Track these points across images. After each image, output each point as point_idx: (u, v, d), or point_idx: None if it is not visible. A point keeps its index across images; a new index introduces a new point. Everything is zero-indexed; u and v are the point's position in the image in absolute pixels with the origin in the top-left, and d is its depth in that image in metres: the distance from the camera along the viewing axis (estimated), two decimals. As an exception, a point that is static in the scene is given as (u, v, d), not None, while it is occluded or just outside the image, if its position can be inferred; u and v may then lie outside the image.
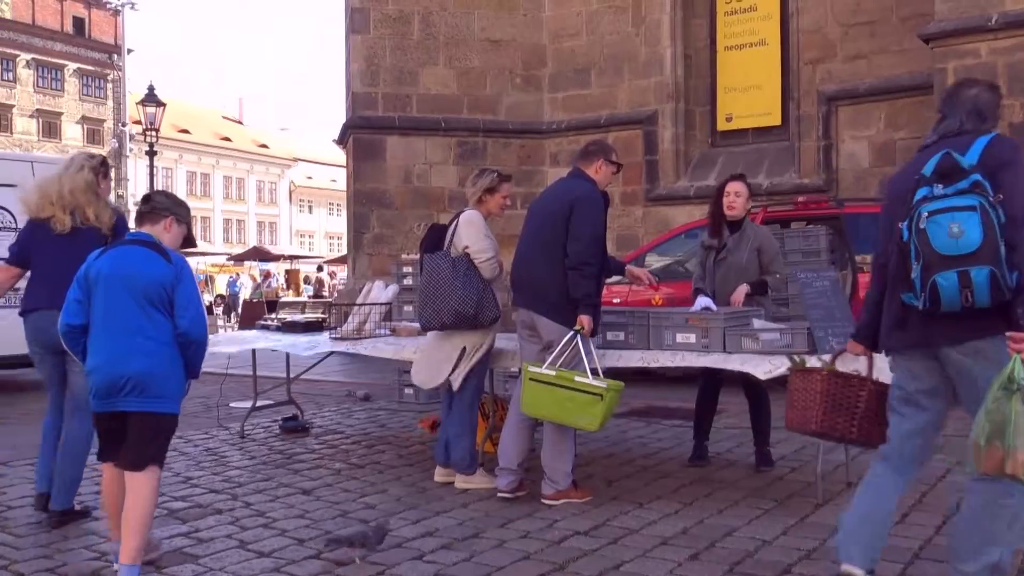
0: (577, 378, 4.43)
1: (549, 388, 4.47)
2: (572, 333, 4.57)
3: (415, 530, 4.31)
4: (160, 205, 3.87)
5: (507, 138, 13.39)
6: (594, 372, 4.48)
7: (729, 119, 12.57)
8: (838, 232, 8.43)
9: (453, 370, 5.07)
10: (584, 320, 4.58)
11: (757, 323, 4.93)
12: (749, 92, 12.37)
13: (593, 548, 4.00)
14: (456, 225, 5.17)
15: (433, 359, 5.19)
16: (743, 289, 5.43)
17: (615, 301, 9.12)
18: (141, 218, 3.87)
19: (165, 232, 3.82)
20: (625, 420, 7.34)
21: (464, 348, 5.05)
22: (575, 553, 3.94)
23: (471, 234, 5.08)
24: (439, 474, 5.30)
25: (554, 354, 4.58)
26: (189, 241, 4.00)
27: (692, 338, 4.87)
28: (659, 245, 9.89)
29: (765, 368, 4.55)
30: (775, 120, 12.25)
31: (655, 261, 9.72)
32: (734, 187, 5.67)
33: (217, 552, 4.01)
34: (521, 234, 5.03)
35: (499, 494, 4.87)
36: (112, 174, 5.29)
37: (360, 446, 6.43)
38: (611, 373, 4.72)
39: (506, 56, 13.45)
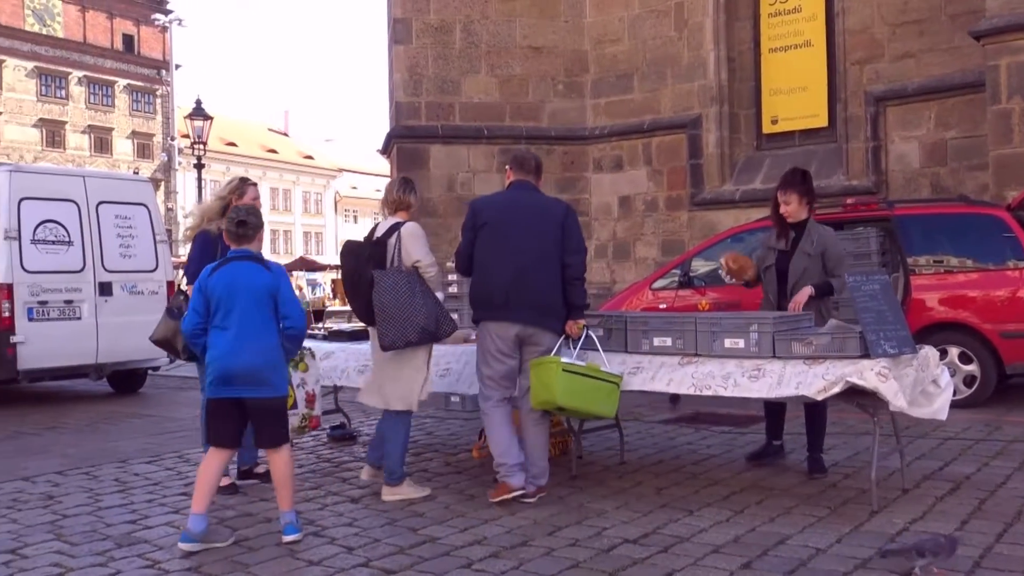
0: (602, 368, 4.84)
1: (582, 379, 4.72)
2: (583, 330, 4.99)
3: (463, 538, 4.30)
4: (253, 226, 4.42)
5: (550, 145, 13.37)
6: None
7: (775, 121, 12.43)
8: (889, 234, 8.28)
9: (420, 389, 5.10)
10: (582, 322, 5.01)
11: (808, 327, 4.84)
12: (795, 94, 12.22)
13: (643, 556, 3.96)
14: (400, 238, 5.03)
15: (392, 379, 5.08)
16: (806, 291, 5.34)
17: (661, 307, 9.05)
18: (239, 239, 4.39)
19: (259, 242, 4.48)
20: (674, 426, 7.27)
21: (427, 364, 5.11)
22: (625, 561, 3.89)
23: (419, 248, 5.06)
24: (367, 472, 5.53)
25: (576, 351, 4.92)
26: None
27: (741, 343, 4.80)
28: (705, 250, 9.78)
29: (819, 387, 4.44)
30: (822, 122, 12.08)
31: (701, 266, 9.62)
32: (781, 197, 5.57)
33: (267, 560, 4.03)
34: (494, 247, 4.93)
35: (513, 492, 4.88)
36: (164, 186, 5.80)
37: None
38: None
39: (548, 63, 13.44)
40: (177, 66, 45.18)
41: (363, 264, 5.01)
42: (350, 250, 5.13)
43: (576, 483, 5.36)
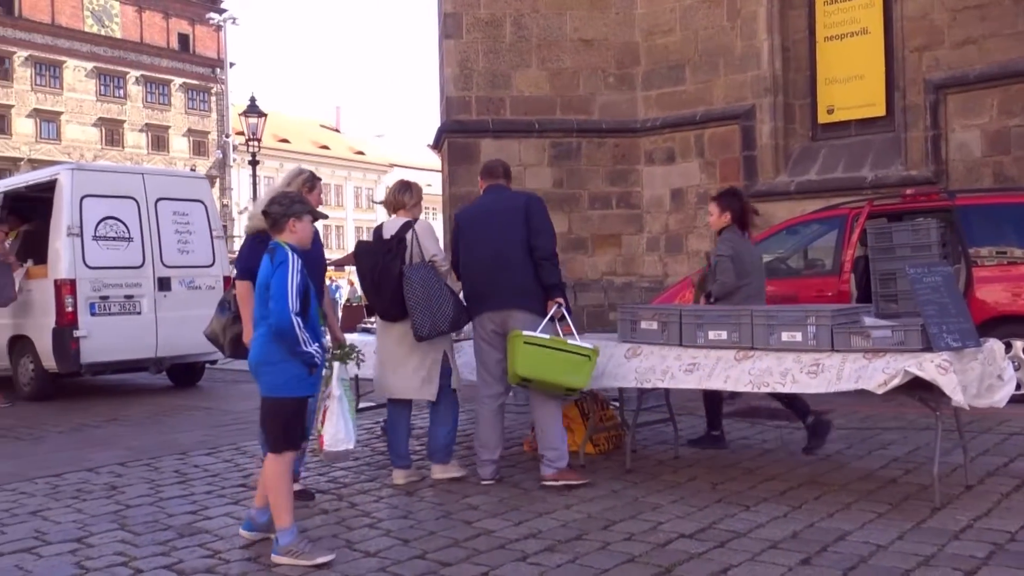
0: (570, 341, 5.05)
1: (544, 351, 4.95)
2: (556, 307, 5.15)
3: (518, 531, 4.30)
4: (277, 215, 4.16)
5: (601, 137, 13.29)
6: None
7: (830, 111, 12.21)
8: (950, 225, 8.10)
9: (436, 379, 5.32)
10: (560, 300, 5.18)
11: (868, 320, 4.76)
12: (851, 83, 11.98)
13: (699, 551, 3.92)
14: (416, 235, 5.29)
15: (412, 369, 5.30)
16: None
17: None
18: (269, 228, 4.23)
19: (292, 234, 4.15)
20: (728, 421, 7.17)
21: (444, 353, 5.36)
22: (681, 556, 3.86)
23: (435, 243, 5.38)
24: (399, 476, 5.40)
25: (541, 326, 5.09)
26: (316, 215, 4.34)
27: (798, 336, 4.73)
28: (759, 243, 9.64)
29: (879, 380, 4.36)
30: (879, 111, 11.83)
31: (755, 259, 9.50)
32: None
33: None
34: (473, 246, 5.35)
35: (483, 482, 5.22)
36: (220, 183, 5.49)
37: (461, 447, 6.46)
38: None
39: (599, 55, 13.35)
40: (231, 64, 45.81)
41: (387, 260, 5.24)
42: (366, 250, 5.46)
43: (630, 477, 5.33)
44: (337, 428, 4.32)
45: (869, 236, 7.44)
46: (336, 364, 4.43)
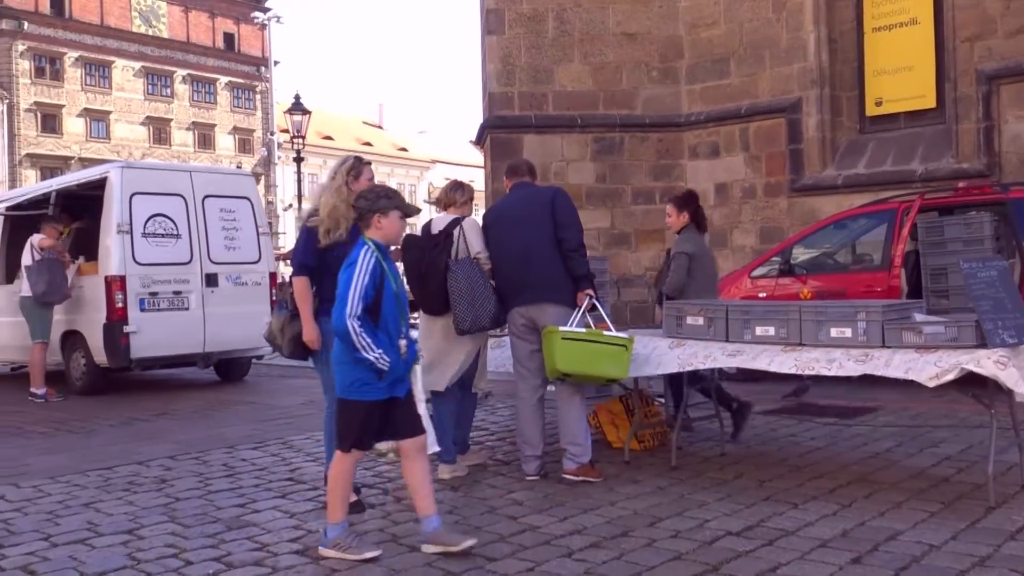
0: (605, 332, 5.07)
1: (581, 344, 4.97)
2: (587, 299, 5.17)
3: (563, 527, 4.29)
4: (363, 210, 4.00)
5: (644, 132, 13.21)
6: None
7: (879, 103, 12.00)
8: (1003, 219, 7.92)
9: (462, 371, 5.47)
10: (590, 291, 5.21)
11: (919, 316, 4.67)
12: (900, 74, 11.78)
13: (747, 550, 3.88)
14: (463, 231, 5.43)
15: (449, 362, 5.44)
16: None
17: (761, 295, 8.87)
18: (359, 225, 4.07)
19: (377, 230, 3.97)
20: (775, 418, 7.12)
21: (480, 348, 5.55)
22: (728, 554, 3.82)
23: (480, 241, 5.45)
24: (445, 471, 5.42)
25: (574, 319, 5.11)
26: (405, 211, 4.05)
27: (848, 332, 4.65)
28: (806, 237, 9.54)
29: (931, 373, 4.28)
30: (929, 103, 11.62)
31: (802, 254, 9.39)
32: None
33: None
34: (501, 243, 5.39)
35: (527, 478, 5.24)
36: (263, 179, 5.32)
37: (505, 443, 6.47)
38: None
39: (642, 49, 13.26)
40: (276, 62, 46.24)
41: (434, 255, 5.38)
42: (413, 243, 5.52)
43: (676, 474, 5.29)
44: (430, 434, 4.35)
45: (920, 230, 7.33)
46: (419, 367, 4.39)
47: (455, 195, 5.65)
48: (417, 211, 4.15)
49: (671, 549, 3.91)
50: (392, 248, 4.24)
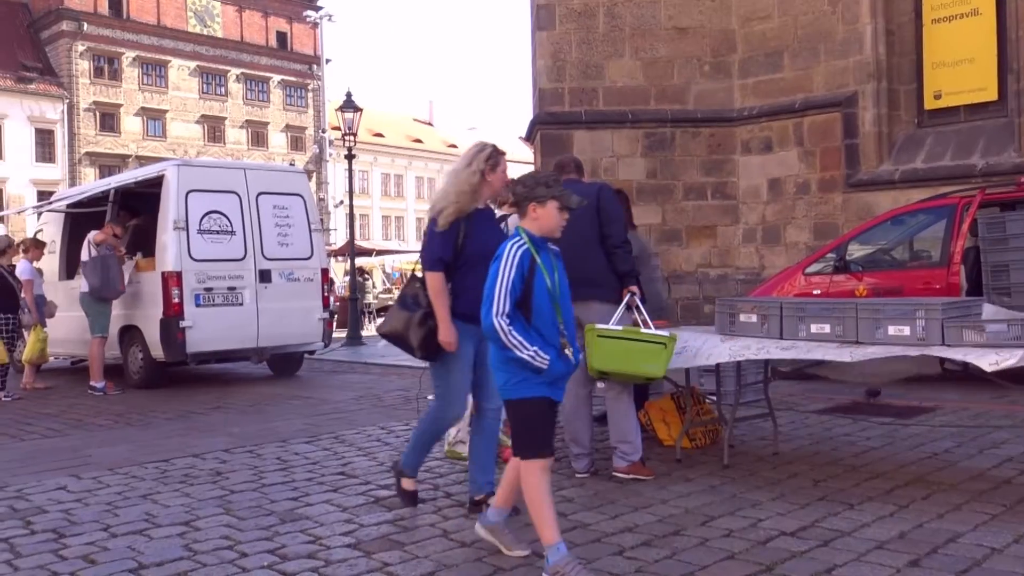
0: (643, 330, 5.00)
1: (618, 342, 4.91)
2: (629, 296, 5.14)
3: (614, 525, 4.27)
4: (519, 197, 3.72)
5: (696, 127, 13.09)
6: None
7: (938, 96, 11.75)
8: (1068, 214, 7.71)
9: None
10: (634, 288, 5.19)
11: (988, 309, 4.56)
12: (960, 67, 11.51)
13: (802, 550, 3.82)
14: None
15: None
16: None
17: (815, 292, 8.74)
18: (517, 212, 3.79)
19: (532, 220, 3.68)
20: (829, 417, 7.00)
21: None
22: (783, 555, 3.77)
23: None
24: None
25: (616, 316, 5.09)
26: (565, 204, 3.70)
27: (906, 330, 4.55)
28: (862, 233, 9.37)
29: (991, 359, 4.18)
30: (991, 95, 11.34)
31: (857, 250, 9.23)
32: None
33: (421, 540, 4.11)
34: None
35: (577, 476, 5.24)
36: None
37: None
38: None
39: (694, 44, 13.14)
40: (327, 61, 46.70)
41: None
42: None
43: (728, 473, 5.23)
44: None
45: (981, 226, 7.17)
46: None
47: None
48: (578, 203, 3.77)
49: (724, 548, 3.87)
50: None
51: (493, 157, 4.56)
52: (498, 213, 5.71)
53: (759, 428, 6.32)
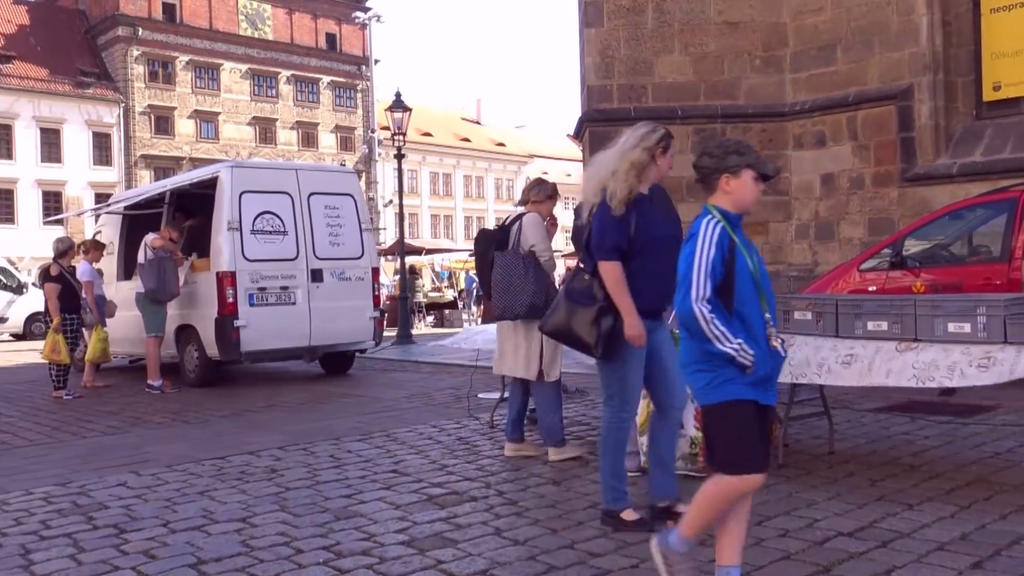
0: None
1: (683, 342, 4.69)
2: None
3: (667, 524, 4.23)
4: (707, 169, 3.24)
5: (747, 123, 12.93)
6: None
7: (997, 88, 11.45)
8: None
9: (540, 360, 5.67)
10: None
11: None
12: (1020, 57, 11.21)
13: (860, 551, 3.76)
14: (520, 225, 5.71)
15: (521, 350, 5.73)
16: None
17: (871, 289, 8.59)
18: (703, 187, 3.32)
19: (724, 195, 3.21)
20: (886, 415, 6.88)
21: (542, 336, 5.45)
22: (840, 555, 3.71)
23: (536, 234, 5.68)
24: (509, 449, 5.93)
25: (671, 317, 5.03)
26: (763, 173, 3.25)
27: (967, 327, 4.46)
28: (918, 229, 9.17)
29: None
30: (1052, 86, 11.04)
31: (914, 245, 9.04)
32: None
33: (474, 538, 4.12)
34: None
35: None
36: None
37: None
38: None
39: (744, 38, 12.98)
40: (376, 61, 47.04)
41: (489, 247, 5.79)
42: (481, 237, 6.05)
43: (783, 472, 5.17)
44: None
45: (1043, 220, 6.97)
46: None
47: (530, 193, 5.93)
48: (775, 172, 3.31)
49: (780, 548, 3.83)
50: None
51: (665, 139, 4.16)
52: (519, 211, 5.83)
53: (814, 427, 6.23)
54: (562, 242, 57.33)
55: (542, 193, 5.89)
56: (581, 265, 4.30)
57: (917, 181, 11.65)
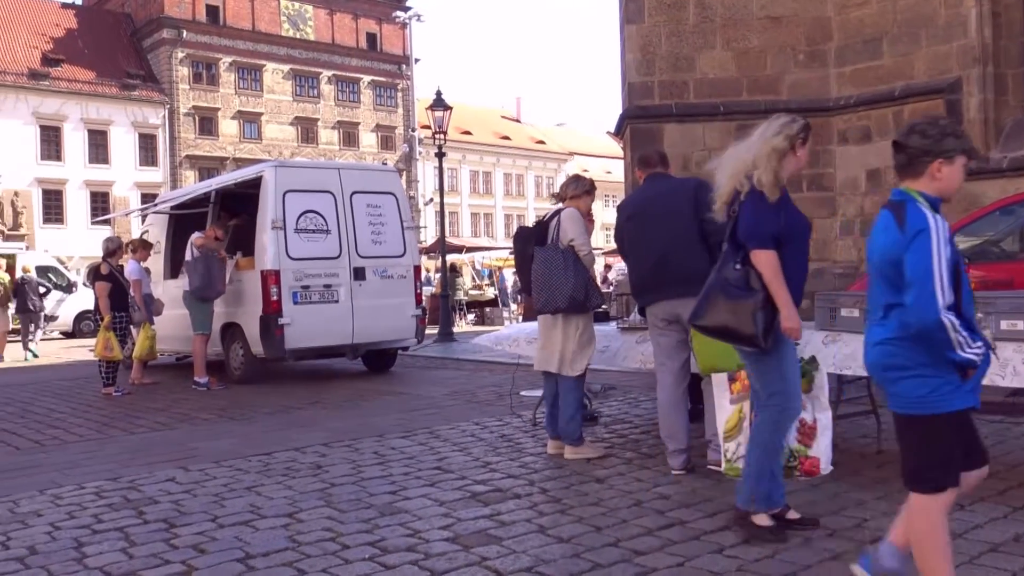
0: None
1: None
2: None
3: (713, 523, 4.21)
4: (916, 151, 2.91)
5: (791, 118, 12.78)
6: None
7: (1048, 80, 11.22)
8: None
9: (574, 354, 5.72)
10: None
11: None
12: (1073, 48, 10.98)
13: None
14: (559, 220, 5.74)
15: (556, 346, 5.76)
16: None
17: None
18: (903, 170, 2.99)
19: (933, 181, 2.90)
20: (935, 414, 6.76)
21: (579, 331, 5.69)
22: (890, 556, 3.65)
23: (575, 228, 5.69)
24: (552, 446, 5.90)
25: None
26: (972, 155, 2.98)
27: (1020, 325, 4.37)
28: (968, 225, 9.01)
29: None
30: (1106, 78, 10.79)
31: (963, 242, 8.87)
32: None
33: (518, 535, 4.13)
34: (639, 240, 5.39)
35: (673, 473, 5.19)
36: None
37: (649, 436, 6.41)
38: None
39: (787, 33, 12.84)
40: (416, 60, 47.26)
41: (528, 243, 5.85)
42: (519, 234, 6.12)
43: (830, 471, 5.10)
44: (828, 447, 3.96)
45: (1098, 215, 6.81)
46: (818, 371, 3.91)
47: (567, 189, 5.98)
48: (976, 153, 3.15)
49: (828, 548, 3.78)
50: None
51: (805, 131, 3.96)
52: (557, 207, 5.87)
53: (861, 425, 6.15)
54: (602, 239, 57.23)
55: (580, 188, 5.91)
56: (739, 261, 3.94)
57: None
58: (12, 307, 16.85)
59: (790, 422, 4.10)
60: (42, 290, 17.69)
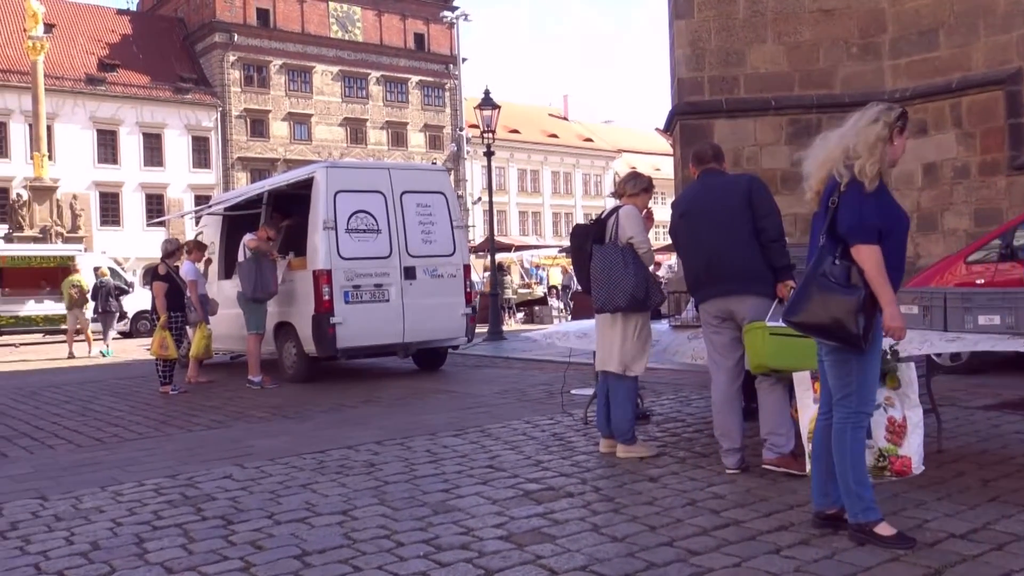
0: None
1: (789, 340, 4.62)
2: (790, 290, 4.87)
3: (768, 523, 4.16)
4: None
5: (843, 112, 12.33)
6: None
7: (1113, 69, 10.91)
8: None
9: (635, 354, 5.68)
10: (791, 283, 4.95)
11: None
12: None
13: (973, 553, 3.62)
14: (617, 218, 5.67)
15: (616, 345, 5.70)
16: None
17: (978, 282, 8.28)
18: None
19: None
20: (997, 413, 6.62)
21: (638, 330, 5.66)
22: (952, 558, 3.58)
23: (633, 226, 5.64)
24: (604, 445, 5.87)
25: (772, 310, 4.94)
26: None
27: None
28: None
29: None
30: None
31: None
32: None
33: (572, 534, 4.11)
34: (692, 236, 5.36)
35: (727, 472, 5.14)
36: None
37: (702, 435, 6.35)
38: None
39: (840, 25, 12.65)
40: (464, 59, 47.40)
41: (586, 241, 5.77)
42: (576, 232, 6.00)
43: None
44: (920, 446, 3.86)
45: None
46: (903, 365, 3.78)
47: (625, 186, 5.94)
48: None
49: (887, 550, 3.71)
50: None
51: (903, 118, 3.81)
52: (615, 204, 5.80)
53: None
54: (652, 237, 56.85)
55: (638, 186, 5.88)
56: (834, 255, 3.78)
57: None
58: (89, 309, 17.74)
59: (865, 425, 3.88)
60: (117, 292, 18.36)
